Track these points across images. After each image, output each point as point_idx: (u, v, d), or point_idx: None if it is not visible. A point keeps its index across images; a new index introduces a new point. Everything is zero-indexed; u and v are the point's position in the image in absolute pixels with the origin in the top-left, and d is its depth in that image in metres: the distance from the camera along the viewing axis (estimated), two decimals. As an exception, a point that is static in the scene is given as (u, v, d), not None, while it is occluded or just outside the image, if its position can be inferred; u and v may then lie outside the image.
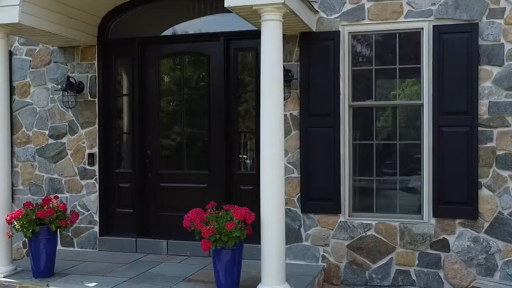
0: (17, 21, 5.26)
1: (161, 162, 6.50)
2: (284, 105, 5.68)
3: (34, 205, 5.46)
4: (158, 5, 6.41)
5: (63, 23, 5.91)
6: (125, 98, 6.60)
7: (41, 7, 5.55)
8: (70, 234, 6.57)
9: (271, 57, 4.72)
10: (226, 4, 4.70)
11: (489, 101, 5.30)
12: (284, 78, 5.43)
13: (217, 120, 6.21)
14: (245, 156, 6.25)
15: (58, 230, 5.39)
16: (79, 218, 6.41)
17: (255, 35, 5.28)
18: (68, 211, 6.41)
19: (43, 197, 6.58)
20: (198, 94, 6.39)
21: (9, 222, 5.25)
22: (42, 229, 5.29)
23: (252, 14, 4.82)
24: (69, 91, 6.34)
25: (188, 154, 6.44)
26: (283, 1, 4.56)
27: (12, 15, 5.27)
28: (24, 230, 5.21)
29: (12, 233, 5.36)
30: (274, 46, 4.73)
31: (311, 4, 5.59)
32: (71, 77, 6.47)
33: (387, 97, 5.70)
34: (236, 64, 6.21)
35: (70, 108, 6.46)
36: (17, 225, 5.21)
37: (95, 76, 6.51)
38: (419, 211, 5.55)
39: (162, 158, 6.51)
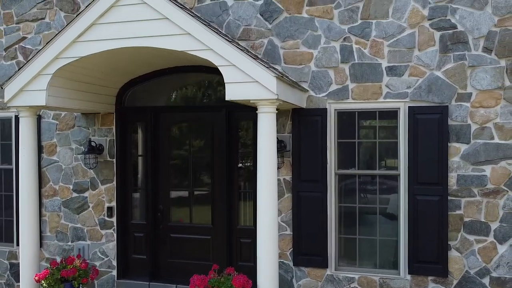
0: (44, 104, 5.23)
1: (171, 215, 6.46)
2: (278, 171, 5.70)
3: (59, 262, 5.45)
4: (167, 78, 6.37)
5: (85, 98, 5.87)
6: (139, 158, 6.54)
7: (65, 88, 5.51)
8: (92, 277, 6.54)
9: (267, 138, 4.72)
10: (227, 98, 4.68)
11: (458, 174, 5.27)
12: (278, 149, 5.45)
13: (220, 180, 6.17)
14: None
15: (80, 285, 5.38)
16: (100, 263, 6.46)
17: (253, 107, 5.22)
18: (89, 256, 6.47)
19: (68, 243, 6.67)
20: (203, 157, 6.34)
21: (38, 281, 5.22)
22: (66, 286, 5.26)
23: (250, 103, 4.80)
24: (90, 154, 6.30)
25: (195, 209, 6.38)
26: (277, 97, 4.54)
27: (39, 99, 5.24)
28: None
29: (40, 291, 5.34)
30: (269, 132, 4.73)
31: (301, 86, 5.57)
32: (92, 141, 6.43)
33: (368, 167, 5.65)
34: (237, 132, 6.17)
35: (92, 169, 6.43)
36: (44, 284, 5.19)
37: (113, 139, 6.47)
38: (396, 267, 5.51)
39: (172, 212, 6.46)
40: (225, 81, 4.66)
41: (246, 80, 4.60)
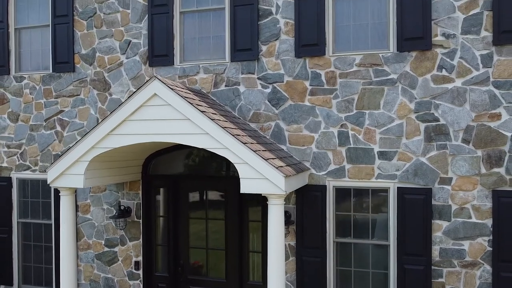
0: (82, 187, 5.36)
1: (190, 269, 6.58)
2: (285, 235, 5.82)
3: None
4: (186, 150, 6.50)
5: (116, 173, 6.00)
6: (162, 219, 6.67)
7: (98, 169, 5.65)
8: (121, 321, 6.68)
9: (276, 223, 4.80)
10: (242, 191, 4.79)
11: (440, 247, 5.39)
12: (284, 221, 5.58)
13: (233, 241, 6.30)
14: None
15: None
16: (128, 310, 6.58)
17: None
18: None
19: (100, 291, 6.79)
20: (218, 218, 6.45)
21: None
22: None
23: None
24: (120, 218, 6.43)
25: (210, 265, 6.51)
26: (285, 192, 4.67)
27: (78, 182, 5.36)
28: None
29: None
30: (278, 218, 4.81)
31: (304, 165, 5.69)
32: (122, 204, 6.57)
33: (362, 236, 5.77)
34: (247, 201, 6.29)
35: (121, 229, 6.56)
36: None
37: (140, 203, 6.60)
38: (386, 324, 5.65)
39: (191, 267, 6.59)
40: (239, 176, 4.78)
41: (258, 177, 4.72)
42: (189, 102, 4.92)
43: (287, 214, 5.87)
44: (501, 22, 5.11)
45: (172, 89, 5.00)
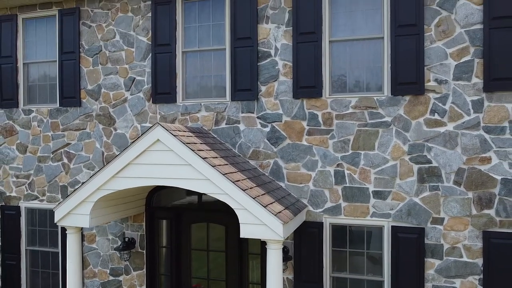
0: (88, 226, 5.41)
1: (192, 298, 6.65)
2: (283, 271, 5.85)
3: None
4: (189, 185, 6.55)
5: (120, 209, 6.05)
6: (165, 249, 6.70)
7: (104, 208, 5.69)
8: None
9: (274, 264, 4.81)
10: (241, 235, 4.82)
11: (432, 285, 5.43)
12: (282, 257, 5.61)
13: (233, 272, 6.34)
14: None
15: None
16: (132, 338, 6.61)
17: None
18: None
19: (105, 318, 6.82)
20: (219, 250, 6.49)
21: None
22: None
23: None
24: (125, 250, 6.47)
25: (211, 294, 6.59)
26: (283, 238, 4.71)
27: (83, 221, 5.41)
28: None
29: None
30: (276, 260, 4.85)
31: (302, 202, 5.73)
32: (126, 236, 6.61)
33: (358, 271, 5.80)
34: (247, 232, 6.33)
35: (126, 261, 6.60)
36: None
37: (144, 234, 6.65)
38: None
39: (193, 296, 6.66)
40: (239, 221, 4.82)
41: (257, 223, 4.75)
42: (190, 149, 4.96)
43: (285, 250, 5.91)
44: (492, 69, 5.15)
45: (174, 135, 5.04)
